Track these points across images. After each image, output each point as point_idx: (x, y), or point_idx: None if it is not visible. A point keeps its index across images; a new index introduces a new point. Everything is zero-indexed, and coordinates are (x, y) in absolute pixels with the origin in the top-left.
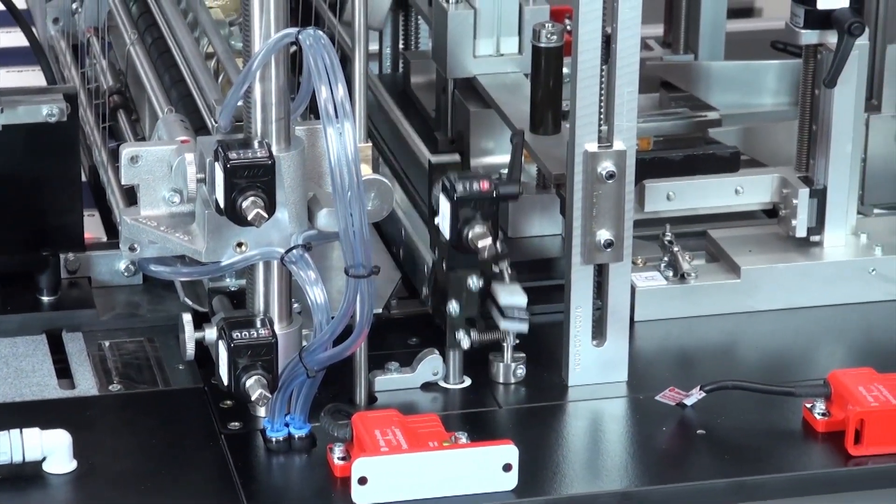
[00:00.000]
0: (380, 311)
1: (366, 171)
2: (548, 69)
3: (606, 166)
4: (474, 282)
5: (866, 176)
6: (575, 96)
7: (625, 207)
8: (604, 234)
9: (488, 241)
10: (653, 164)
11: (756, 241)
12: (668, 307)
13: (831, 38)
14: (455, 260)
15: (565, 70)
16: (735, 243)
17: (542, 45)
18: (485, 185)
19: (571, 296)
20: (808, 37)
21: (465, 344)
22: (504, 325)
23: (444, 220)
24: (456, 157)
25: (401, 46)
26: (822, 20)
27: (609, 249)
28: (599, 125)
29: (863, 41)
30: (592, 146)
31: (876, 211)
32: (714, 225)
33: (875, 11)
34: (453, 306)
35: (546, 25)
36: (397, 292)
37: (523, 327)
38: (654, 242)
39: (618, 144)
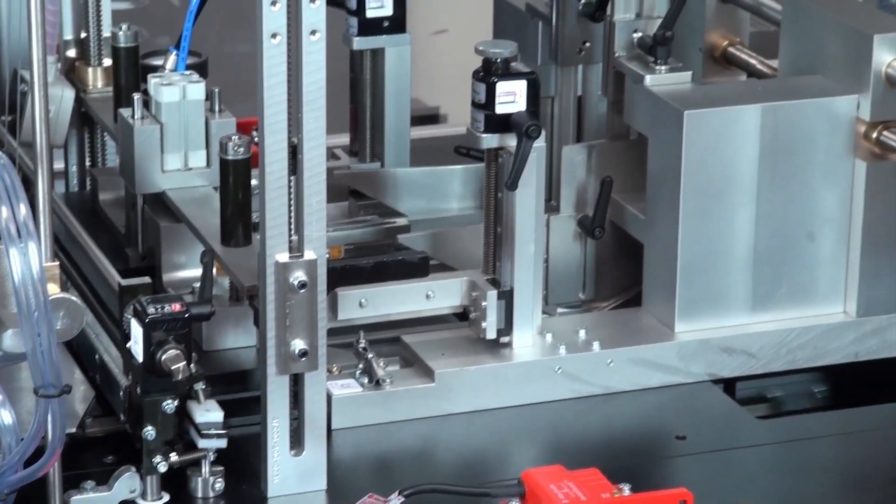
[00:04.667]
0: (73, 430)
1: (54, 289)
2: (236, 181)
3: (298, 276)
4: (169, 405)
5: (549, 276)
6: (264, 207)
7: (318, 316)
8: (298, 344)
9: (182, 363)
10: (344, 272)
11: (448, 345)
12: (365, 414)
13: (511, 142)
14: (149, 384)
15: (253, 182)
16: (428, 347)
17: (230, 157)
18: (176, 307)
19: (268, 407)
20: (489, 140)
21: (163, 468)
22: (202, 443)
23: (136, 344)
24: (146, 280)
25: (87, 163)
26: (502, 124)
27: (304, 359)
28: (289, 235)
29: (540, 143)
30: (283, 256)
31: (560, 310)
32: (407, 330)
33: (550, 114)
34: (149, 431)
35: (233, 138)
36: (91, 410)
37: (221, 443)
38: (348, 350)
39: (308, 254)
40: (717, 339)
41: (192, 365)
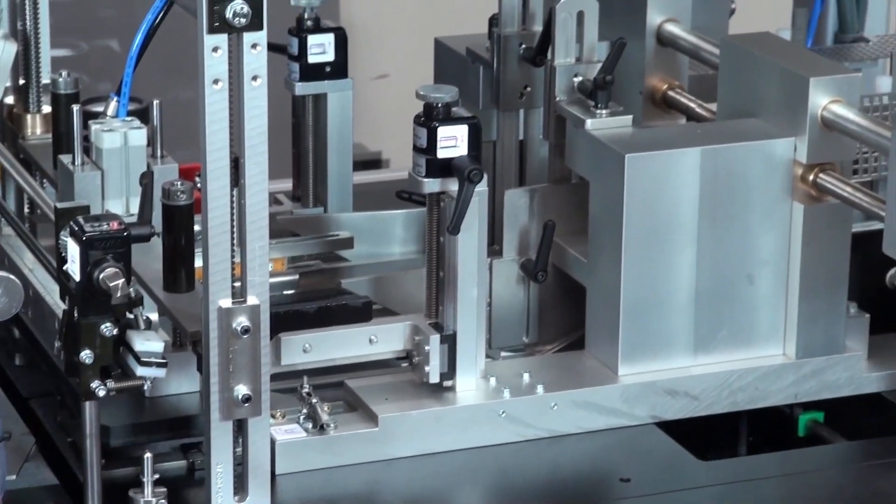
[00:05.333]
0: (14, 477)
1: None
2: (179, 227)
3: (241, 321)
4: (108, 328)
5: (492, 320)
6: (207, 253)
7: (261, 361)
8: (241, 389)
9: (121, 280)
10: (287, 318)
11: (392, 389)
12: (309, 459)
13: (453, 186)
14: (87, 306)
15: (196, 227)
16: (372, 392)
17: (172, 203)
18: (115, 224)
19: (211, 452)
20: (431, 185)
21: (101, 392)
22: (141, 371)
23: (73, 264)
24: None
25: (26, 210)
26: (443, 168)
27: (247, 404)
28: (232, 281)
29: (482, 187)
30: (226, 302)
31: (503, 353)
32: (351, 375)
33: (492, 158)
34: (86, 354)
35: (175, 184)
36: (33, 456)
37: (160, 373)
38: (292, 395)
39: (251, 299)
40: (660, 382)
41: (131, 288)
